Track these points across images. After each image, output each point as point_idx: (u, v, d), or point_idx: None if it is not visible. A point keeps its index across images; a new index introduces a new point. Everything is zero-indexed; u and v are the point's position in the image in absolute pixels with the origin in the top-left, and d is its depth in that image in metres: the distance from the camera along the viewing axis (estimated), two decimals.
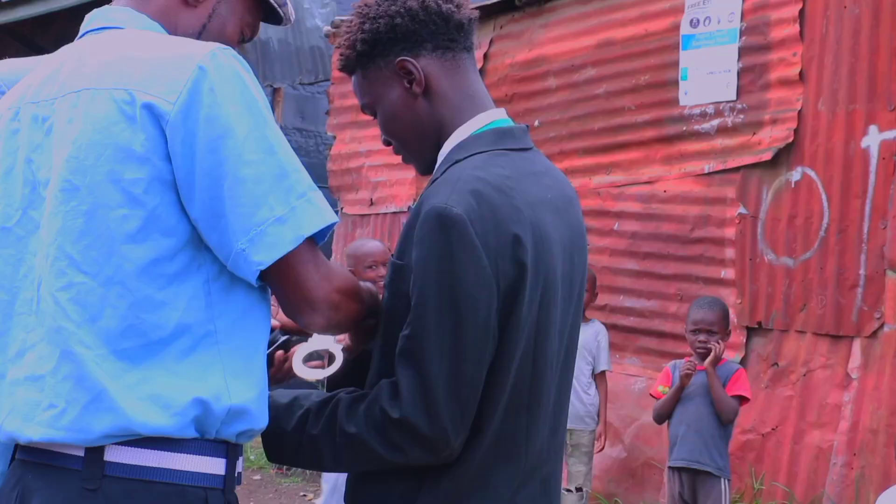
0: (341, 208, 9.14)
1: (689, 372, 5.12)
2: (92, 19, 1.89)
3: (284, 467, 8.19)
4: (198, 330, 1.71)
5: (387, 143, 2.10)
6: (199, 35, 1.91)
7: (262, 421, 1.79)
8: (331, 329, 1.88)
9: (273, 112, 7.95)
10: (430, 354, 1.79)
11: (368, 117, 2.11)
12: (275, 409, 1.94)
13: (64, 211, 1.70)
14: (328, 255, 9.11)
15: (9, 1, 10.93)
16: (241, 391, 1.74)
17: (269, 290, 1.84)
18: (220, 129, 1.68)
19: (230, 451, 1.77)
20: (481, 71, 7.69)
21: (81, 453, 1.69)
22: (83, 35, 1.89)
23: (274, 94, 10.60)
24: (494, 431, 1.87)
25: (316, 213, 1.75)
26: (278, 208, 1.70)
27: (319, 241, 1.79)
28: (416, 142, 2.03)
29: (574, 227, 2.03)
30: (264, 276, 1.73)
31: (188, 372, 1.70)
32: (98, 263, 1.68)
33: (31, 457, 1.74)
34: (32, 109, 1.80)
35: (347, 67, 2.05)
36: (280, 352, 2.10)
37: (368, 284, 1.99)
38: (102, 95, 1.72)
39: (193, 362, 1.70)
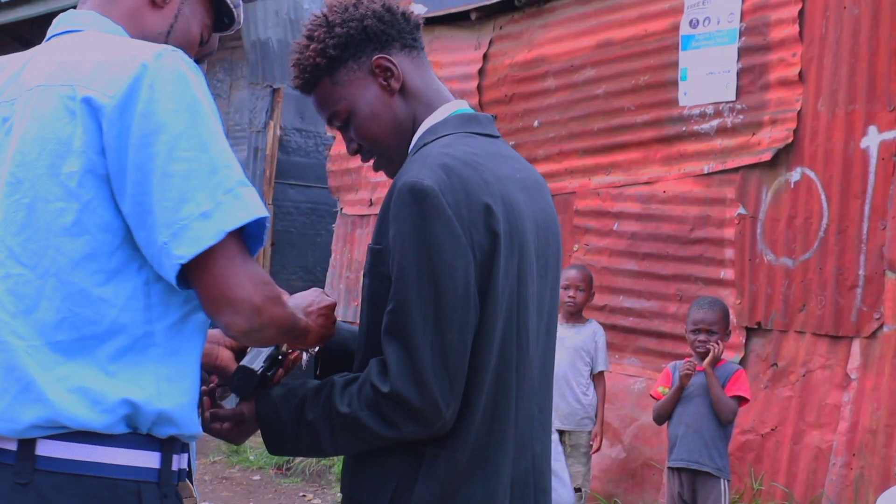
0: (341, 209, 9.14)
1: (689, 372, 5.12)
2: (58, 23, 1.93)
3: (284, 467, 8.19)
4: (134, 331, 1.72)
5: (356, 152, 2.12)
6: (168, 35, 1.95)
7: (190, 428, 1.79)
8: (255, 334, 1.80)
9: (272, 113, 7.94)
10: (414, 326, 1.82)
11: None
12: (272, 402, 1.97)
13: (7, 204, 1.73)
14: (327, 255, 9.10)
15: (8, 1, 10.94)
16: (173, 396, 1.74)
17: None
18: (154, 125, 1.69)
19: (165, 445, 1.77)
20: (481, 71, 7.70)
21: (14, 447, 1.69)
22: (49, 38, 1.93)
23: (273, 95, 10.59)
24: (486, 405, 1.90)
25: (241, 208, 1.72)
26: (205, 203, 1.69)
27: (259, 244, 1.78)
28: (394, 140, 2.07)
29: (546, 209, 2.08)
30: (189, 276, 1.72)
31: (121, 372, 1.70)
32: (36, 255, 1.70)
33: None
34: (17, 117, 1.82)
35: (312, 80, 2.09)
36: (280, 370, 2.10)
37: (316, 296, 1.99)
38: (50, 92, 1.75)
39: (128, 363, 1.71)
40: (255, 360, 2.01)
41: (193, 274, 1.72)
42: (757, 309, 6.04)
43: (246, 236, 1.76)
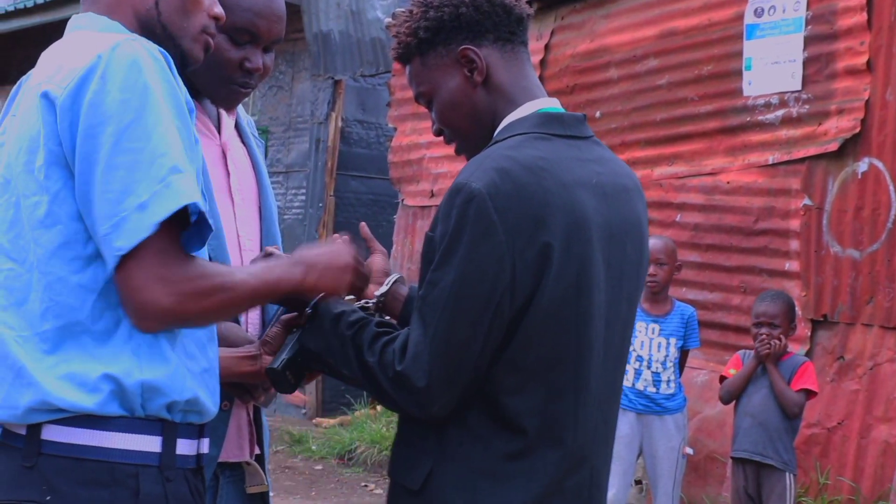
0: (402, 200, 9.17)
1: (768, 349, 4.98)
2: (67, 28, 1.97)
3: (346, 458, 8.24)
4: (116, 312, 1.76)
5: (439, 133, 2.13)
6: (157, 6, 1.91)
7: (181, 393, 1.80)
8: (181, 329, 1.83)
9: (334, 104, 7.93)
10: (433, 318, 1.86)
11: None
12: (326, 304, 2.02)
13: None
14: (388, 246, 9.13)
15: (25, 8, 11.14)
16: (154, 367, 1.77)
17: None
18: (101, 115, 1.72)
19: (167, 429, 1.81)
20: (542, 62, 7.67)
21: (24, 432, 1.76)
22: None
23: (335, 87, 10.64)
24: (537, 410, 1.90)
25: (170, 198, 1.71)
26: (143, 194, 1.70)
27: (198, 241, 1.77)
28: (472, 131, 2.07)
29: (627, 216, 2.03)
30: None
31: (105, 353, 1.75)
32: (24, 250, 1.77)
33: None
34: (10, 120, 1.90)
35: (405, 55, 2.09)
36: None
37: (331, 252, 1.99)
38: (29, 92, 1.82)
39: (112, 344, 1.76)
40: (279, 356, 2.04)
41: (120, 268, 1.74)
42: (823, 301, 5.96)
43: (198, 224, 1.77)
